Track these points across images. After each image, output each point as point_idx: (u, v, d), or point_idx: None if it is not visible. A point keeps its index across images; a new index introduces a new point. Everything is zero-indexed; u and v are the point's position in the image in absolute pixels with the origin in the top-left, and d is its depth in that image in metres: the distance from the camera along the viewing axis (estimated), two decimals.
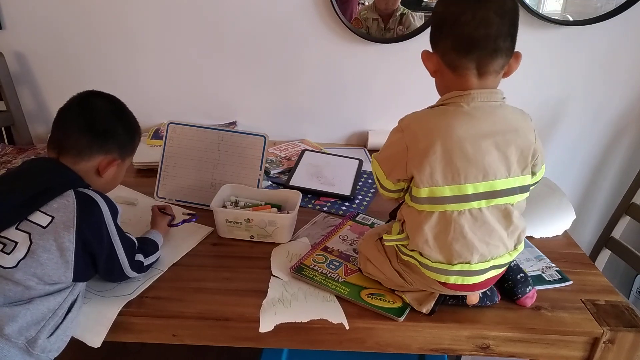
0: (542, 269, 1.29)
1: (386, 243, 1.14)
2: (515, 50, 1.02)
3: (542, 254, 1.35)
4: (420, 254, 1.06)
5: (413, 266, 1.10)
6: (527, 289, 1.15)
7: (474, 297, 1.13)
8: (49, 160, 1.11)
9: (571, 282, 1.25)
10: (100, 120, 1.14)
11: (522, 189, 1.05)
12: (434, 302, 1.11)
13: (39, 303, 0.99)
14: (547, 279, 1.25)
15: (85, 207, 1.04)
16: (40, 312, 0.99)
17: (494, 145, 1.00)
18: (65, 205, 1.02)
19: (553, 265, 1.30)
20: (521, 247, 1.10)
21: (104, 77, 1.99)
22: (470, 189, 1.00)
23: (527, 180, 1.05)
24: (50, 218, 1.01)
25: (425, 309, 1.11)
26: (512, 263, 1.15)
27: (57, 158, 1.11)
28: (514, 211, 1.05)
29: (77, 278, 1.04)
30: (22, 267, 0.98)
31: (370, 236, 1.25)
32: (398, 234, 1.11)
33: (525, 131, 1.03)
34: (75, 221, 1.01)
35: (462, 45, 0.99)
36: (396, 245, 1.12)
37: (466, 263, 1.03)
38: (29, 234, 0.99)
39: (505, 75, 1.05)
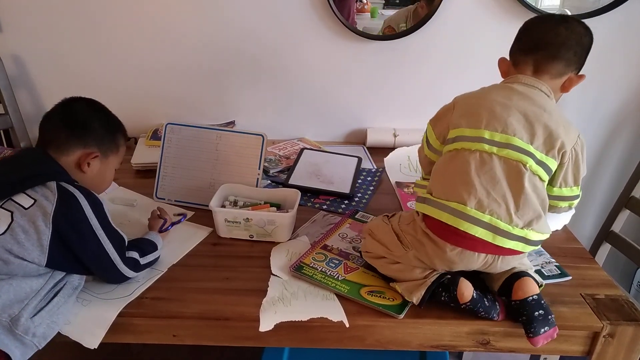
0: (542, 263, 1.28)
1: (414, 188, 1.28)
2: (580, 72, 1.19)
3: (543, 249, 1.34)
4: (431, 195, 1.12)
5: (412, 225, 1.15)
6: (542, 330, 1.05)
7: (466, 292, 1.08)
8: (39, 150, 1.17)
9: (570, 278, 1.24)
10: (76, 115, 1.21)
11: (541, 164, 1.08)
12: (424, 290, 1.10)
13: (21, 281, 1.03)
14: (546, 274, 1.25)
15: (64, 200, 1.07)
16: (23, 291, 1.02)
17: (523, 114, 1.10)
18: (47, 194, 1.06)
19: (553, 260, 1.30)
20: (532, 235, 1.06)
21: (101, 78, 1.99)
22: (486, 134, 1.09)
23: (549, 162, 1.08)
24: (33, 201, 1.05)
25: (415, 298, 1.10)
26: (531, 298, 1.07)
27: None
28: (526, 175, 1.06)
29: (50, 264, 1.06)
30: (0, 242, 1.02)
31: (379, 216, 1.29)
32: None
33: (562, 124, 1.10)
34: (52, 211, 1.05)
35: (528, 45, 1.18)
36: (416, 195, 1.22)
37: (462, 204, 1.06)
38: (11, 213, 1.04)
39: (564, 89, 1.20)
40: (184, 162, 1.57)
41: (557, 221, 1.46)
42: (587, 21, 1.79)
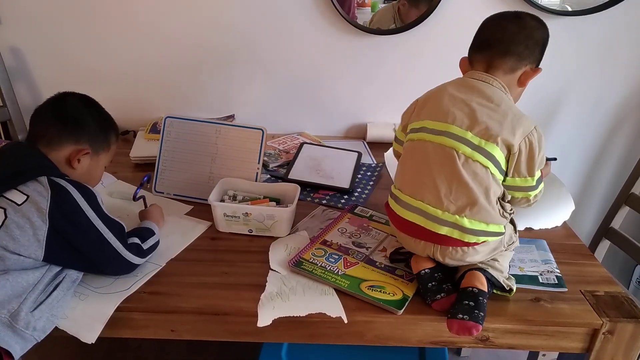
0: (542, 272, 1.25)
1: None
2: (536, 62, 1.21)
3: (552, 260, 1.30)
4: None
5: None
6: (459, 316, 1.05)
7: (423, 259, 1.17)
8: (29, 145, 1.16)
9: (566, 290, 1.20)
10: (68, 110, 1.20)
11: (478, 149, 1.09)
12: (393, 249, 1.25)
13: (17, 276, 1.02)
14: (541, 281, 1.22)
15: (58, 195, 1.06)
16: (20, 286, 1.02)
17: (468, 104, 1.14)
18: (40, 189, 1.05)
19: (557, 271, 1.26)
20: (465, 222, 1.09)
21: (100, 71, 1.98)
22: (428, 124, 1.16)
23: (489, 147, 1.09)
24: (26, 197, 1.04)
25: (387, 252, 1.27)
26: (470, 288, 1.08)
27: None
28: (460, 161, 1.09)
29: (48, 259, 1.05)
30: None
31: None
32: None
33: (510, 118, 1.11)
34: (48, 207, 1.04)
35: (480, 43, 1.23)
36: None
37: (399, 190, 1.18)
38: (4, 210, 1.03)
39: (521, 83, 1.21)
40: (183, 156, 1.56)
41: (557, 216, 1.46)
42: (587, 17, 1.83)
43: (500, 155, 1.10)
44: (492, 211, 1.11)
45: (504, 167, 1.12)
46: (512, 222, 1.23)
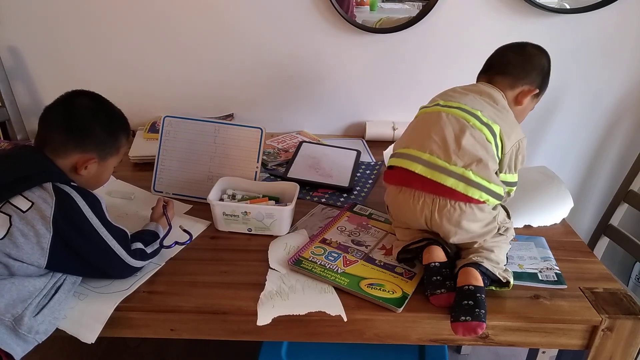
0: (541, 268, 1.25)
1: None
2: (534, 84, 1.32)
3: (551, 257, 1.30)
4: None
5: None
6: (462, 318, 1.05)
7: (431, 257, 1.17)
8: (35, 149, 1.14)
9: (565, 287, 1.20)
10: (76, 118, 1.16)
11: (486, 125, 1.19)
12: (400, 248, 1.24)
13: (23, 280, 1.01)
14: (540, 279, 1.22)
15: (62, 203, 1.05)
16: (26, 290, 1.01)
17: (476, 99, 1.26)
18: (45, 196, 1.04)
19: (556, 268, 1.26)
20: (471, 175, 1.13)
21: (99, 70, 1.98)
22: (441, 102, 1.27)
23: (494, 127, 1.20)
24: (31, 203, 1.03)
25: (394, 255, 1.27)
26: (466, 287, 1.09)
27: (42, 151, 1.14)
28: (470, 127, 1.18)
29: (51, 266, 1.05)
30: None
31: None
32: None
33: (509, 123, 1.24)
34: (52, 214, 1.03)
35: (485, 67, 1.39)
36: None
37: (407, 147, 1.22)
38: (10, 217, 1.02)
39: (518, 102, 1.33)
40: (182, 155, 1.56)
41: (556, 213, 1.46)
42: (586, 15, 1.84)
43: (499, 140, 1.21)
44: (492, 174, 1.16)
45: (499, 153, 1.21)
46: (504, 208, 1.28)
